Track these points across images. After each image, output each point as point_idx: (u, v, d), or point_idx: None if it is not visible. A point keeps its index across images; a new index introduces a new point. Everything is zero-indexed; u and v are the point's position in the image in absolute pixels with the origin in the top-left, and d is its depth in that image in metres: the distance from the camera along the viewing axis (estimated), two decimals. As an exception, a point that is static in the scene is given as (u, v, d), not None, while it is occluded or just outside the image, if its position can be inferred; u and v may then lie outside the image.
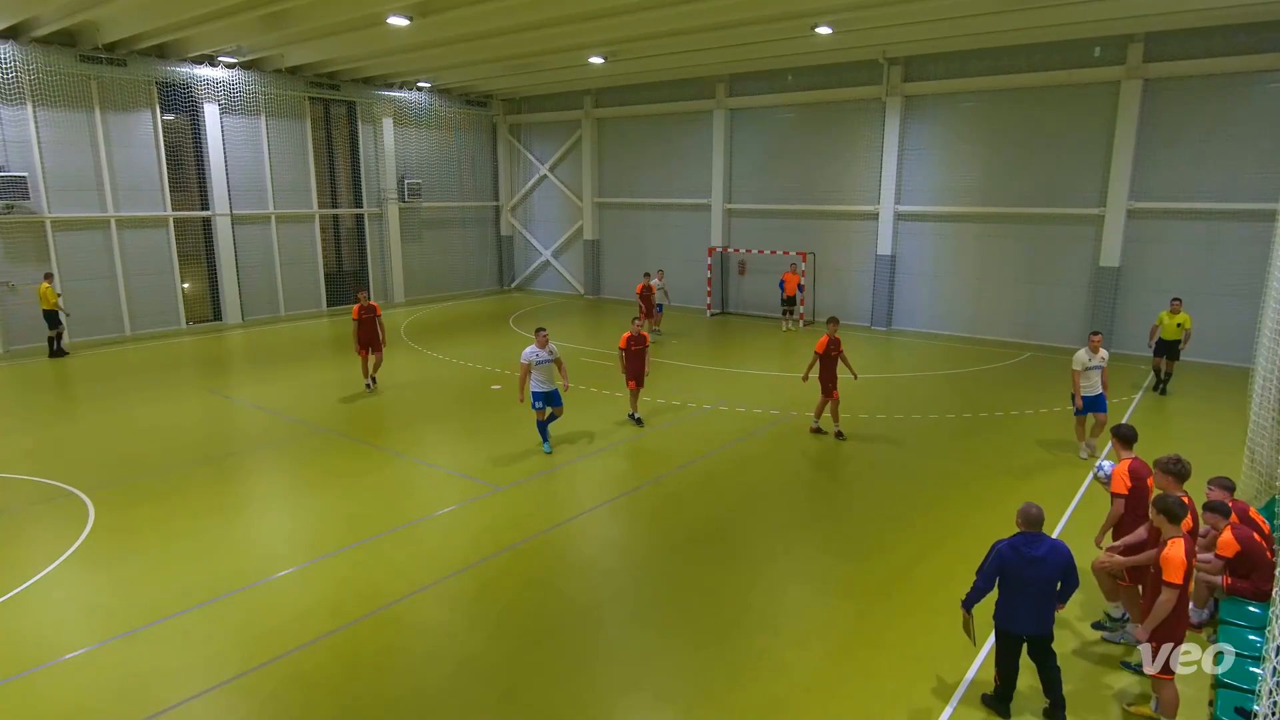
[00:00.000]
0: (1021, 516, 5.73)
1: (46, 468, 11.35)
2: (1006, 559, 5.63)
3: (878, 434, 12.87)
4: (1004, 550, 5.66)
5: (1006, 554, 5.64)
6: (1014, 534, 5.75)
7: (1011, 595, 5.68)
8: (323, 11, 16.52)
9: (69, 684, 6.42)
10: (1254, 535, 6.65)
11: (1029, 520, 5.69)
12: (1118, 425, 7.57)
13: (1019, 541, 5.65)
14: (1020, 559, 5.59)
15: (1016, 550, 5.62)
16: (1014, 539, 5.70)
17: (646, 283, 21.07)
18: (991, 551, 5.75)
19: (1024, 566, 5.58)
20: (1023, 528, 5.70)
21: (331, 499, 10.34)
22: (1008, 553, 5.64)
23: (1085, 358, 11.32)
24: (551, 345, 11.64)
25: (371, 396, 15.51)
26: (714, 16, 16.45)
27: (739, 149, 24.93)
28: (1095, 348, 11.39)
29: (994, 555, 5.71)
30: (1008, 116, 20.13)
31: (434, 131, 28.64)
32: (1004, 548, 5.68)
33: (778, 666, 6.65)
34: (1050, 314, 20.13)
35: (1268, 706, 3.98)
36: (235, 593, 7.81)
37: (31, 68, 19.08)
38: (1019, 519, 5.74)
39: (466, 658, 6.80)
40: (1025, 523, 5.70)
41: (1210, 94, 17.49)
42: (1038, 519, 5.70)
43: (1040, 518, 5.71)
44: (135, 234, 21.46)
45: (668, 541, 9.07)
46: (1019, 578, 5.61)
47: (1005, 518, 9.62)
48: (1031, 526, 5.68)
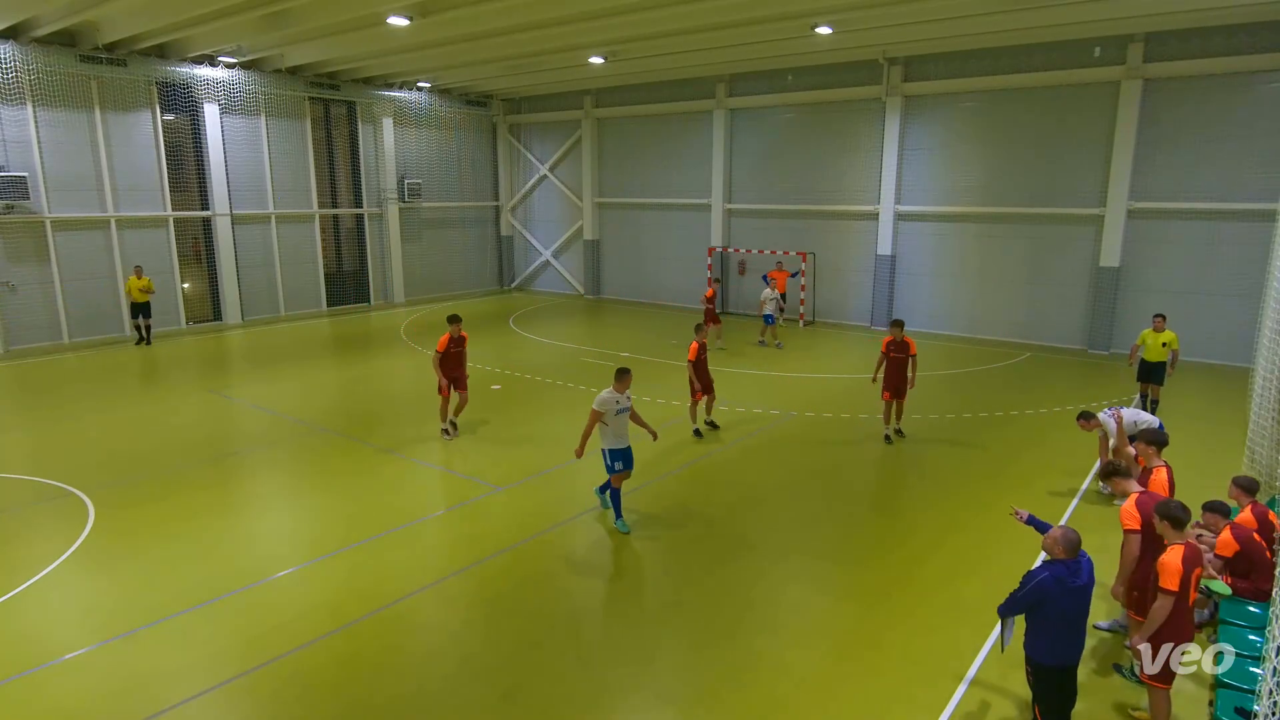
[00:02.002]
0: (1064, 544, 5.19)
1: (46, 468, 11.35)
2: (1051, 593, 5.09)
3: (878, 434, 12.86)
4: (1047, 583, 5.10)
5: (1051, 588, 5.09)
6: (1051, 562, 5.23)
7: (1055, 628, 5.17)
8: (323, 11, 16.52)
9: (69, 684, 6.42)
10: (1253, 535, 6.64)
11: (1071, 547, 5.18)
12: (1149, 430, 7.24)
13: (1062, 573, 5.12)
14: (1064, 591, 5.09)
15: (1061, 584, 5.09)
16: (1056, 570, 5.13)
17: (716, 289, 20.43)
18: (1030, 583, 5.16)
19: (1067, 598, 5.11)
20: (1065, 556, 5.17)
21: (331, 499, 10.34)
22: (1052, 586, 5.09)
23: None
24: (628, 391, 9.44)
25: (372, 396, 15.51)
26: (714, 16, 16.45)
27: (739, 149, 24.93)
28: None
29: (1034, 588, 5.13)
30: (1008, 116, 20.13)
31: (434, 131, 28.64)
32: (1047, 580, 5.11)
33: (778, 666, 6.64)
34: (1050, 314, 20.13)
35: (1268, 706, 3.98)
36: (235, 593, 7.81)
37: (31, 68, 19.08)
38: (1061, 547, 5.19)
39: (466, 658, 6.80)
40: (1068, 550, 5.18)
41: (1210, 94, 17.50)
42: (1077, 544, 5.20)
43: (1078, 542, 5.21)
44: (135, 234, 21.46)
45: (667, 542, 9.06)
46: (1062, 610, 5.12)
47: (1005, 518, 9.63)
48: (1072, 554, 5.19)
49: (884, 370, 12.30)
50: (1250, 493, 7.02)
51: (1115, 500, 6.95)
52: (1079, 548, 5.22)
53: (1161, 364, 13.29)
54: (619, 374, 9.33)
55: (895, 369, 12.17)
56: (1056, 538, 5.24)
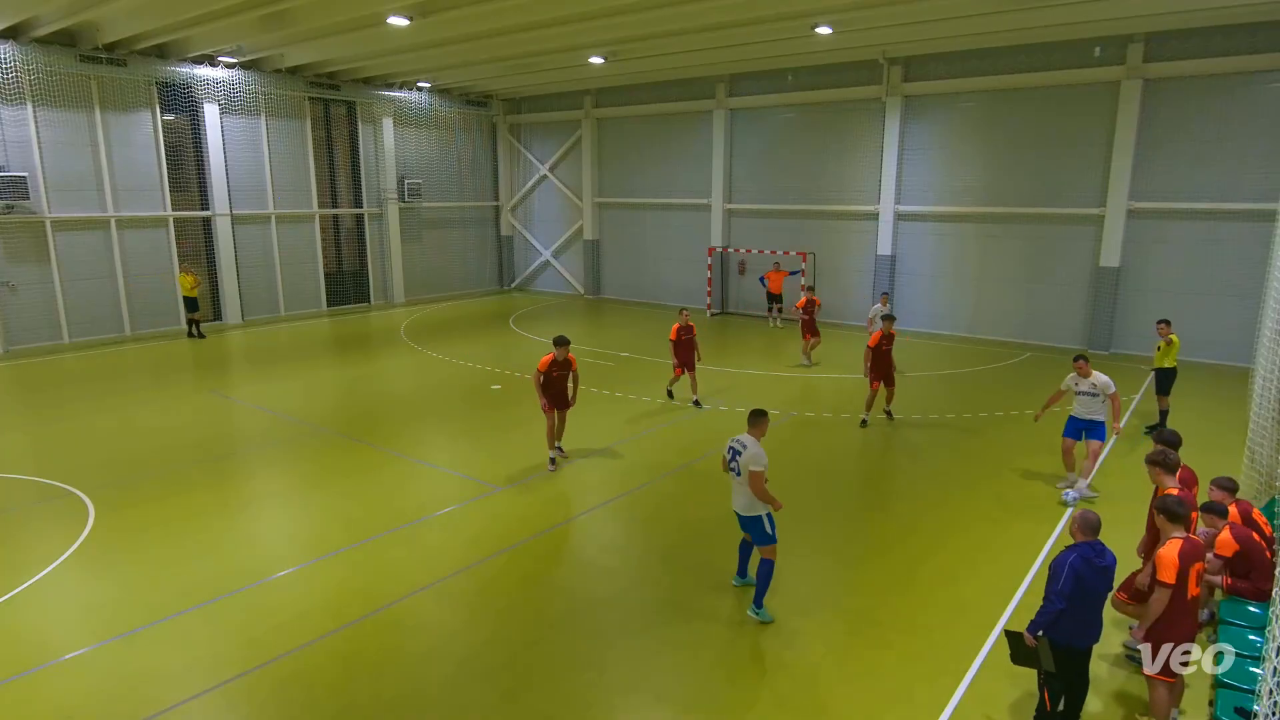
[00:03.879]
0: (1082, 526, 5.43)
1: (47, 467, 11.35)
2: (1083, 573, 5.28)
3: (878, 434, 12.86)
4: (1078, 564, 5.29)
5: (1082, 568, 5.28)
6: (1076, 544, 5.43)
7: (1081, 609, 5.33)
8: (323, 11, 16.51)
9: (69, 684, 6.41)
10: (1253, 535, 6.64)
11: (1092, 529, 5.42)
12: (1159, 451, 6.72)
13: (1089, 554, 5.34)
14: (1093, 570, 5.31)
15: (1089, 563, 5.32)
16: (1082, 550, 5.35)
17: (809, 297, 18.11)
18: (1062, 569, 5.30)
19: (1095, 577, 5.33)
20: (1086, 537, 5.42)
21: (331, 499, 10.34)
22: (1082, 566, 5.29)
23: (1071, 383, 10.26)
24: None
25: (372, 396, 15.48)
26: (714, 16, 16.44)
27: (739, 149, 24.93)
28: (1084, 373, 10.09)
29: (1069, 572, 5.28)
30: (1008, 116, 20.13)
31: (434, 131, 28.64)
32: (1077, 561, 5.30)
33: (778, 666, 6.65)
34: (1050, 314, 20.12)
35: (1268, 706, 3.98)
36: (235, 593, 7.81)
37: (31, 68, 19.07)
38: (1080, 529, 5.43)
39: (466, 658, 6.80)
40: (1088, 531, 5.42)
41: (1210, 94, 17.49)
42: (1098, 526, 5.43)
43: (1099, 524, 5.45)
44: (135, 234, 21.46)
45: (667, 541, 9.06)
46: (1089, 590, 5.32)
47: (1006, 518, 9.66)
48: (1093, 535, 5.42)
49: (874, 362, 13.06)
50: (1231, 491, 7.05)
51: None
52: (1098, 529, 5.43)
53: (1165, 371, 12.61)
54: (754, 418, 7.42)
55: (887, 359, 13.09)
56: (1079, 520, 5.47)
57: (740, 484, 7.21)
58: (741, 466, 7.11)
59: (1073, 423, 10.25)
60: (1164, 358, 12.62)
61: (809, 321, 17.79)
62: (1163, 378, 12.71)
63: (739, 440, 7.28)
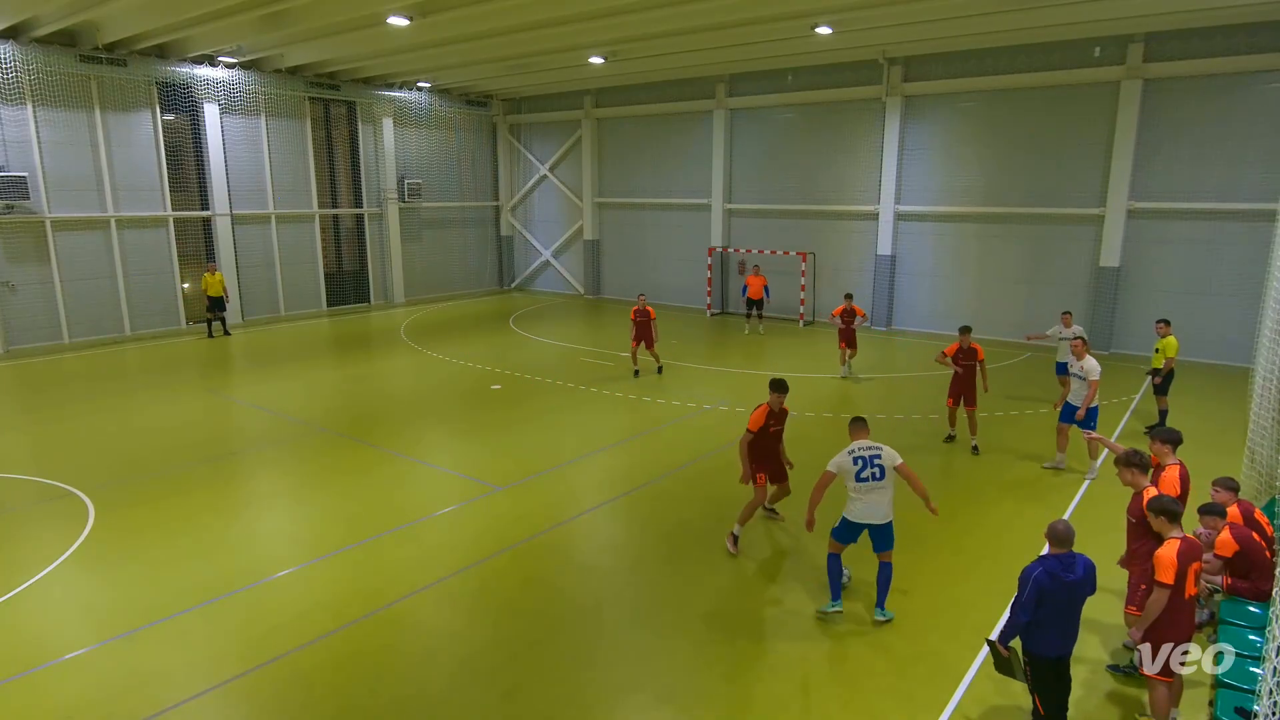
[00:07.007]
0: (1052, 535, 5.35)
1: (47, 467, 11.36)
2: (1045, 587, 5.22)
3: (877, 435, 12.83)
4: (1041, 579, 5.23)
5: (1045, 582, 5.22)
6: (1044, 556, 5.37)
7: (1049, 620, 5.29)
8: (323, 11, 16.51)
9: (69, 684, 6.41)
10: (1253, 535, 6.64)
11: (1060, 539, 5.32)
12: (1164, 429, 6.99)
13: (1055, 567, 5.26)
14: (1058, 585, 5.23)
15: (1054, 577, 5.24)
16: (1048, 564, 5.28)
17: (847, 305, 16.72)
18: (1027, 582, 5.26)
19: (1061, 591, 5.24)
20: (1056, 549, 5.33)
21: (331, 499, 10.34)
22: (1046, 581, 5.23)
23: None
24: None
25: (372, 396, 15.48)
26: (714, 16, 16.45)
27: (739, 149, 24.94)
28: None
29: (1032, 586, 5.23)
30: (1008, 116, 20.13)
31: (434, 131, 28.64)
32: (1041, 576, 5.23)
33: (778, 666, 6.65)
34: (1050, 314, 19.97)
35: (1268, 706, 3.98)
36: (235, 593, 7.81)
37: (31, 68, 19.07)
38: (1050, 540, 5.36)
39: (467, 658, 6.80)
40: (1057, 542, 5.33)
41: (1210, 94, 17.50)
42: (1068, 537, 5.32)
43: (1071, 535, 5.34)
44: (135, 234, 21.46)
45: (668, 542, 9.06)
46: (1056, 603, 5.25)
47: (1006, 519, 9.66)
48: (1063, 546, 5.32)
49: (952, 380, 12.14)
50: (1233, 492, 7.03)
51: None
52: (1069, 541, 5.34)
53: (1170, 372, 12.61)
54: (854, 425, 7.35)
55: (966, 378, 11.99)
56: (1049, 529, 5.41)
57: (881, 489, 7.09)
58: (886, 466, 7.06)
59: (1068, 408, 10.90)
60: (1158, 359, 12.69)
61: (846, 331, 16.58)
62: (1159, 378, 12.73)
63: (862, 446, 7.11)
